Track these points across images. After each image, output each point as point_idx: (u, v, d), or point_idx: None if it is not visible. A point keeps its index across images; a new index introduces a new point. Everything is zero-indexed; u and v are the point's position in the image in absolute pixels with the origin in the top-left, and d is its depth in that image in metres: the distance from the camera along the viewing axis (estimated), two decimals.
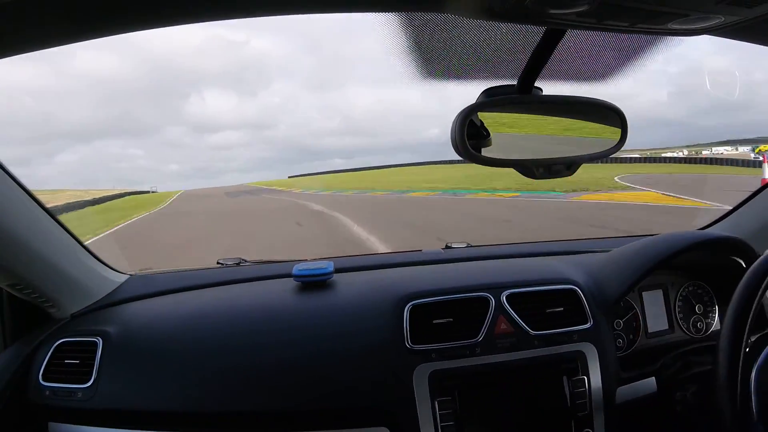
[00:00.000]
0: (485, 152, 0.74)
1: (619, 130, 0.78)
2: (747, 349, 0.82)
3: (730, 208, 1.43)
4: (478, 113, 0.73)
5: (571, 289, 1.09)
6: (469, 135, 0.71)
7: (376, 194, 21.23)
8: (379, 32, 0.64)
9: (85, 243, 1.16)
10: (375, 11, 0.61)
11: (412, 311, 1.02)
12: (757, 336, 0.87)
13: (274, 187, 42.41)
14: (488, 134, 0.75)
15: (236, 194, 32.13)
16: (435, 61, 0.76)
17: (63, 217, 1.07)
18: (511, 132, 0.78)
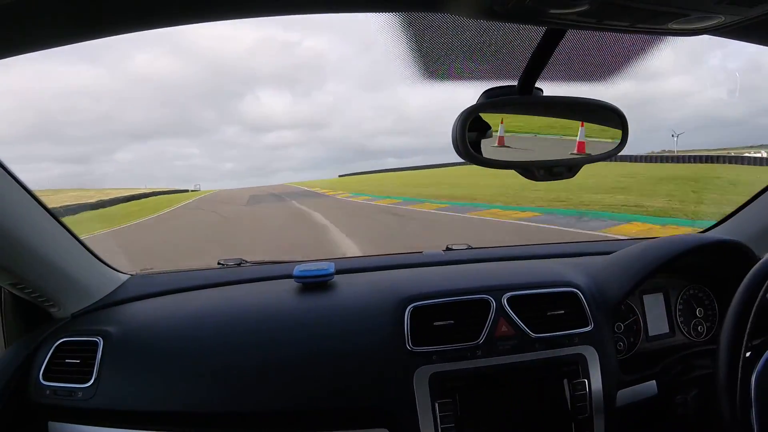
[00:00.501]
0: (486, 154, 0.74)
1: (620, 132, 0.78)
2: (748, 354, 0.81)
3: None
4: (479, 114, 0.73)
5: (572, 292, 1.08)
6: (470, 136, 0.71)
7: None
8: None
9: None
10: (375, 11, 0.61)
11: (412, 313, 1.02)
12: (759, 341, 0.87)
13: (315, 189, 34.05)
14: (489, 136, 0.75)
15: (258, 200, 22.42)
16: (436, 61, 0.76)
17: None
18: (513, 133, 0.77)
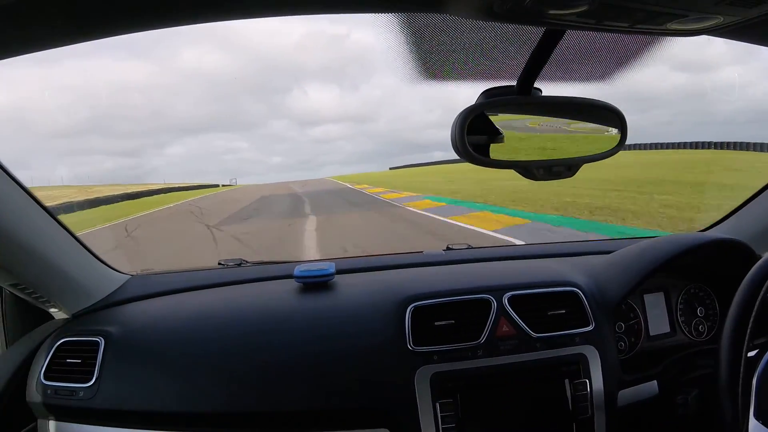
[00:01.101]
0: (485, 153, 0.74)
1: (618, 131, 0.78)
2: (749, 353, 0.82)
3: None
4: (478, 114, 0.74)
5: (573, 292, 1.08)
6: (469, 136, 0.72)
7: None
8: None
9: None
10: (374, 12, 0.61)
11: (413, 313, 1.02)
12: (760, 340, 0.87)
13: (362, 186, 23.95)
14: (488, 135, 0.75)
15: (263, 206, 15.61)
16: (434, 61, 0.76)
17: None
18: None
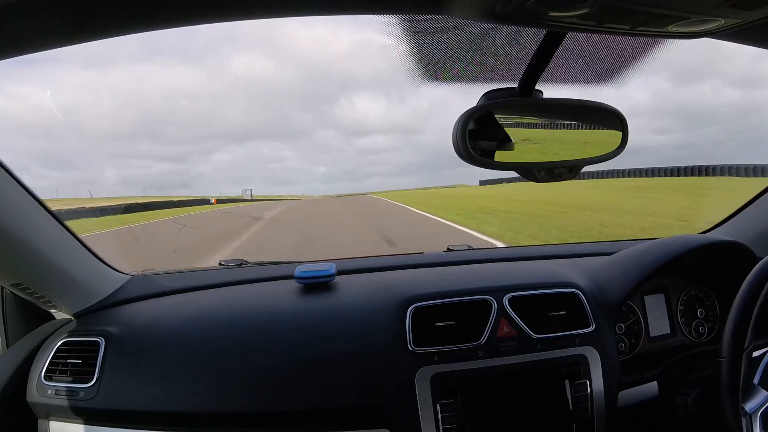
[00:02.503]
0: (487, 156, 0.74)
1: (620, 134, 0.78)
2: (751, 355, 0.82)
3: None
4: (480, 116, 0.74)
5: (573, 293, 1.08)
6: (470, 138, 0.72)
7: None
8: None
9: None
10: (376, 13, 0.61)
11: (414, 314, 1.02)
12: (761, 341, 0.87)
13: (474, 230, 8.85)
14: (490, 137, 0.75)
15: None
16: (436, 63, 0.76)
17: None
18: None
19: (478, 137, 0.73)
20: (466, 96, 0.80)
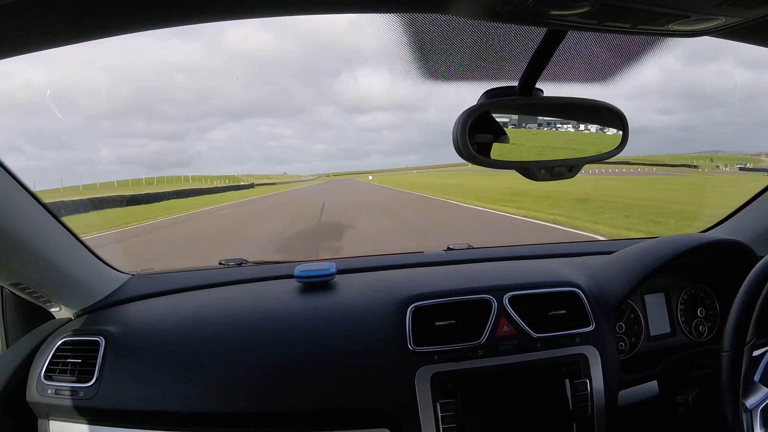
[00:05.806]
0: (487, 154, 0.74)
1: (620, 132, 0.78)
2: (752, 352, 0.82)
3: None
4: (480, 114, 0.74)
5: (573, 292, 1.08)
6: (471, 136, 0.71)
7: None
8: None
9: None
10: (377, 12, 0.61)
11: (414, 313, 1.02)
12: (762, 340, 0.87)
13: None
14: (490, 136, 0.75)
15: None
16: (436, 62, 0.76)
17: None
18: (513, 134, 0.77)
19: (478, 135, 0.73)
20: (469, 84, 0.79)
